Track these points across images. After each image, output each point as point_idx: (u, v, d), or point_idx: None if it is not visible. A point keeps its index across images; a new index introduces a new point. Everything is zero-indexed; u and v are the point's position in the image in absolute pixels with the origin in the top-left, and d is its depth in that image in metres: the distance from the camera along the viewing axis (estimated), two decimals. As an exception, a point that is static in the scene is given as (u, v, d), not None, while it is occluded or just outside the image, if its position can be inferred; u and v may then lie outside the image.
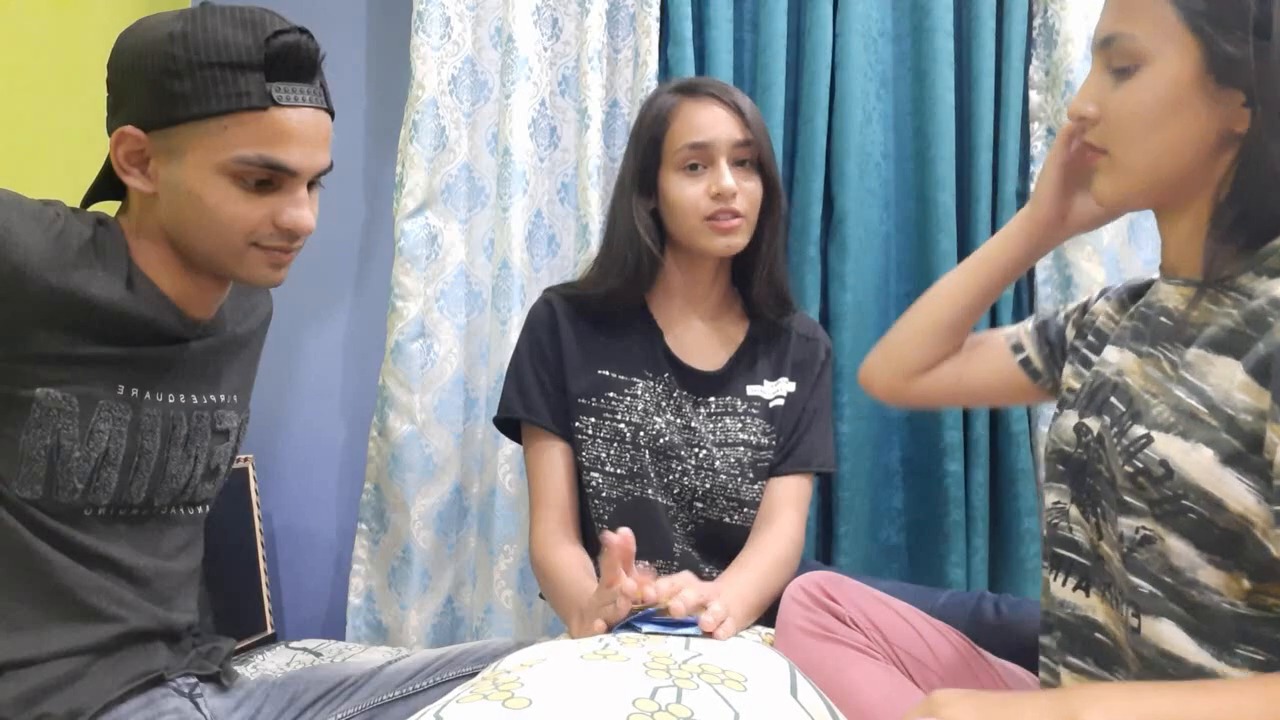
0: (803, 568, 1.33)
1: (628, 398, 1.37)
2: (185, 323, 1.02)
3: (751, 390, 1.41)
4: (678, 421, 1.38)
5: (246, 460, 1.86)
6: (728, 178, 1.32)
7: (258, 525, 1.85)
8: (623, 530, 1.05)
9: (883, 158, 1.80)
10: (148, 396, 0.99)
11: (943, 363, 1.20)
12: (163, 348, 1.00)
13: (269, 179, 0.96)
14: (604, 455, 1.36)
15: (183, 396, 1.03)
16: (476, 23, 1.86)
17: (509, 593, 1.76)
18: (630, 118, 1.80)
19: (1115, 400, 0.88)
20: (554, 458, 1.38)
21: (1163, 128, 0.84)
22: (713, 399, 1.40)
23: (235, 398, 1.11)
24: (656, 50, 1.77)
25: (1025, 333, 1.15)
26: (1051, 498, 0.96)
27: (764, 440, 1.39)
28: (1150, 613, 0.82)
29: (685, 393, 1.40)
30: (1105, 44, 0.88)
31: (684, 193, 1.35)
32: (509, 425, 1.45)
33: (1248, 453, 0.76)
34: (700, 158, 1.34)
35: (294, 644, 1.73)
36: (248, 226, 0.97)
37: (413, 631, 1.78)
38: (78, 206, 1.01)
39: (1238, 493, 0.76)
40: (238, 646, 1.48)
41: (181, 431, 1.03)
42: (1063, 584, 0.93)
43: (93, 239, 0.95)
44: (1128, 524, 0.84)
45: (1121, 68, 0.86)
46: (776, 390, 1.42)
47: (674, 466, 1.36)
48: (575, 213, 1.81)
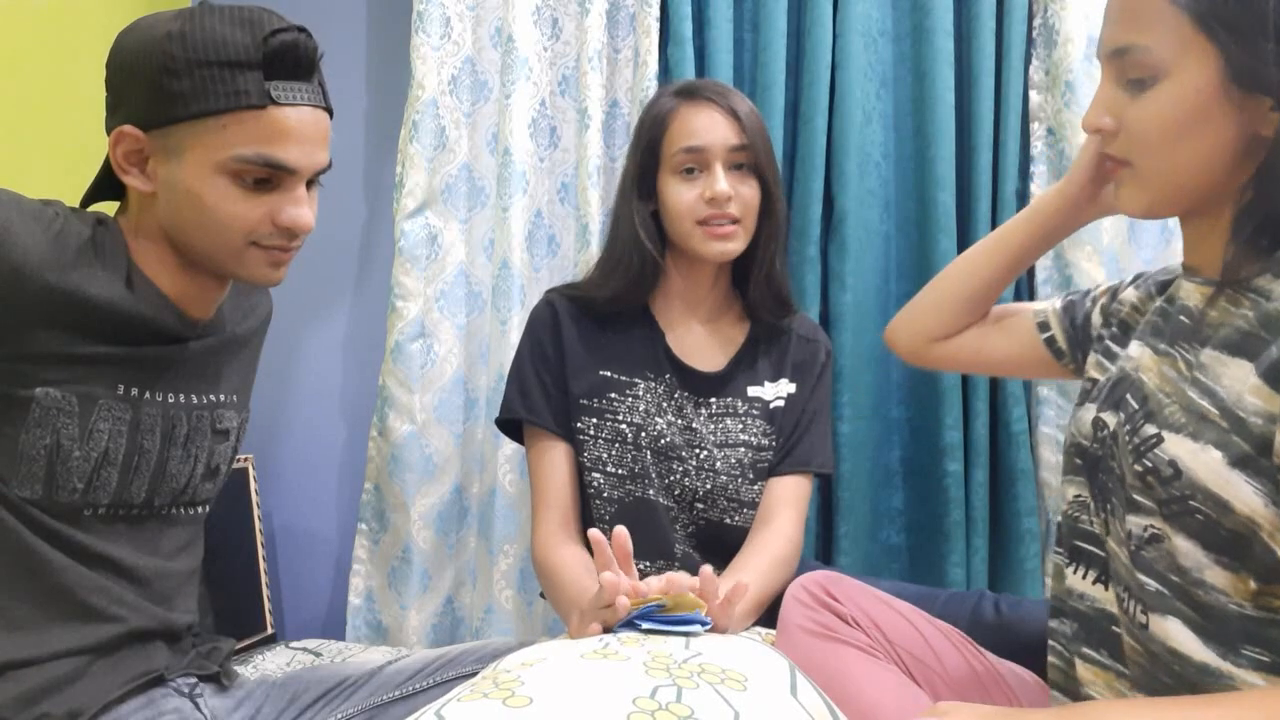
0: (802, 567, 1.33)
1: (629, 399, 1.37)
2: (185, 322, 1.02)
3: (752, 391, 1.41)
4: (679, 422, 1.38)
5: (246, 460, 1.86)
6: (721, 182, 1.32)
7: (258, 525, 1.85)
8: (618, 528, 1.04)
9: (883, 158, 1.80)
10: (147, 396, 0.99)
11: (964, 331, 1.22)
12: (162, 347, 1.00)
13: (268, 178, 0.96)
14: (605, 456, 1.36)
15: (182, 396, 1.03)
16: (476, 23, 1.86)
17: (509, 593, 1.76)
18: (630, 118, 1.80)
19: (1131, 397, 0.88)
20: (556, 458, 1.38)
21: (1188, 138, 0.83)
22: (714, 400, 1.40)
23: (235, 397, 1.11)
24: (656, 50, 1.76)
25: (1052, 311, 1.16)
26: (1072, 490, 0.96)
27: (764, 441, 1.39)
28: (1158, 610, 0.82)
29: (686, 394, 1.40)
30: (1117, 55, 0.86)
31: (679, 196, 1.34)
32: (511, 426, 1.45)
33: (1257, 456, 0.76)
34: (695, 161, 1.34)
35: (294, 644, 1.73)
36: (247, 225, 0.97)
37: (413, 631, 1.78)
38: (77, 206, 1.01)
39: (1245, 495, 0.76)
40: (238, 646, 1.48)
41: (181, 431, 1.03)
42: (1081, 576, 0.93)
43: (92, 238, 0.95)
44: (1136, 522, 0.84)
45: (1137, 79, 0.84)
46: (777, 391, 1.42)
47: (675, 467, 1.36)
48: (575, 213, 1.81)
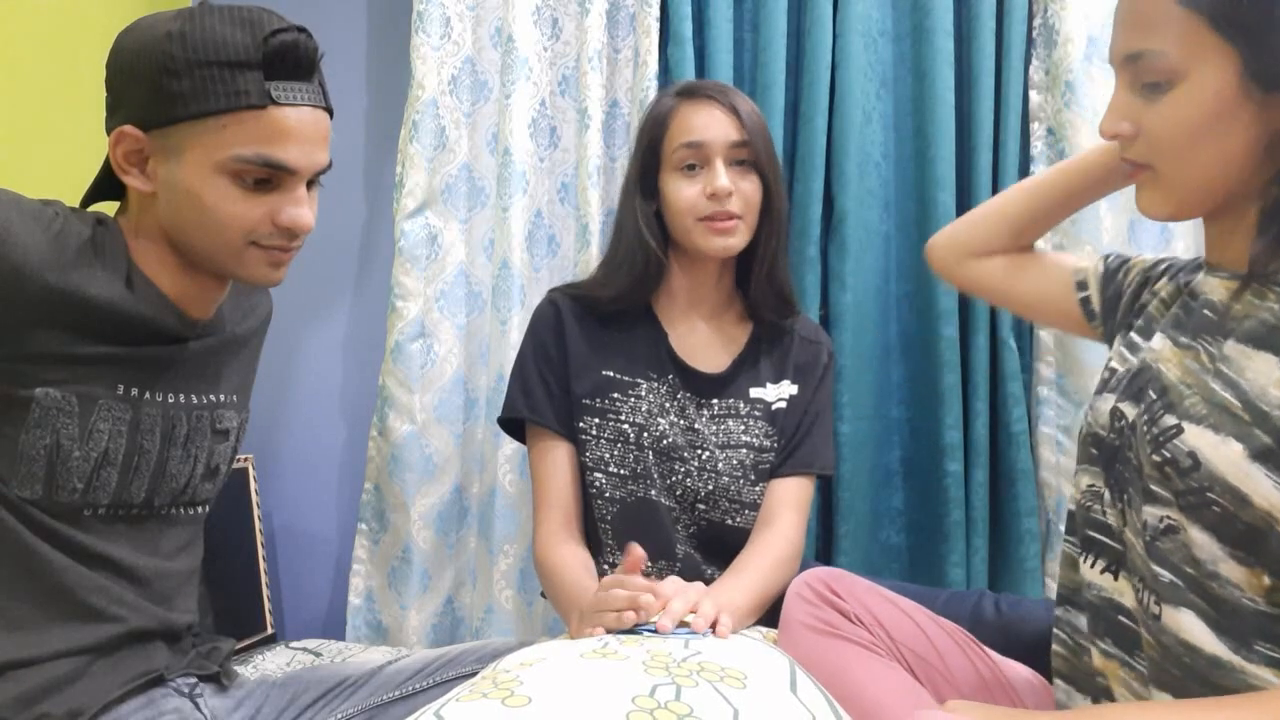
0: (803, 568, 1.33)
1: (632, 399, 1.37)
2: (185, 322, 1.02)
3: (754, 392, 1.41)
4: (681, 423, 1.38)
5: (246, 460, 1.86)
6: (722, 177, 1.32)
7: (258, 525, 1.85)
8: (637, 550, 1.07)
9: (883, 158, 1.80)
10: (147, 396, 0.99)
11: (996, 255, 1.21)
12: (162, 347, 1.00)
13: (268, 178, 0.96)
14: (607, 456, 1.36)
15: (182, 396, 1.03)
16: (476, 23, 1.86)
17: (509, 593, 1.76)
18: (630, 118, 1.80)
19: (1150, 389, 0.88)
20: (557, 458, 1.38)
21: (1209, 141, 0.83)
22: (716, 401, 1.40)
23: (235, 397, 1.11)
24: (656, 50, 1.76)
25: (1093, 272, 1.13)
26: (1086, 480, 0.96)
27: (766, 442, 1.39)
28: (1171, 602, 0.82)
29: (689, 394, 1.40)
30: (1130, 61, 0.85)
31: (680, 193, 1.35)
32: (513, 425, 1.44)
33: (1278, 449, 0.76)
34: (696, 158, 1.34)
35: (294, 644, 1.73)
36: (247, 225, 0.97)
37: (413, 631, 1.78)
38: (77, 206, 1.01)
39: (1264, 489, 0.77)
40: (238, 646, 1.48)
41: (181, 431, 1.03)
42: (1092, 566, 0.93)
43: (92, 239, 0.95)
44: (1152, 513, 0.84)
45: (1152, 83, 0.84)
46: (779, 393, 1.42)
47: (677, 468, 1.36)
48: (575, 213, 1.81)
